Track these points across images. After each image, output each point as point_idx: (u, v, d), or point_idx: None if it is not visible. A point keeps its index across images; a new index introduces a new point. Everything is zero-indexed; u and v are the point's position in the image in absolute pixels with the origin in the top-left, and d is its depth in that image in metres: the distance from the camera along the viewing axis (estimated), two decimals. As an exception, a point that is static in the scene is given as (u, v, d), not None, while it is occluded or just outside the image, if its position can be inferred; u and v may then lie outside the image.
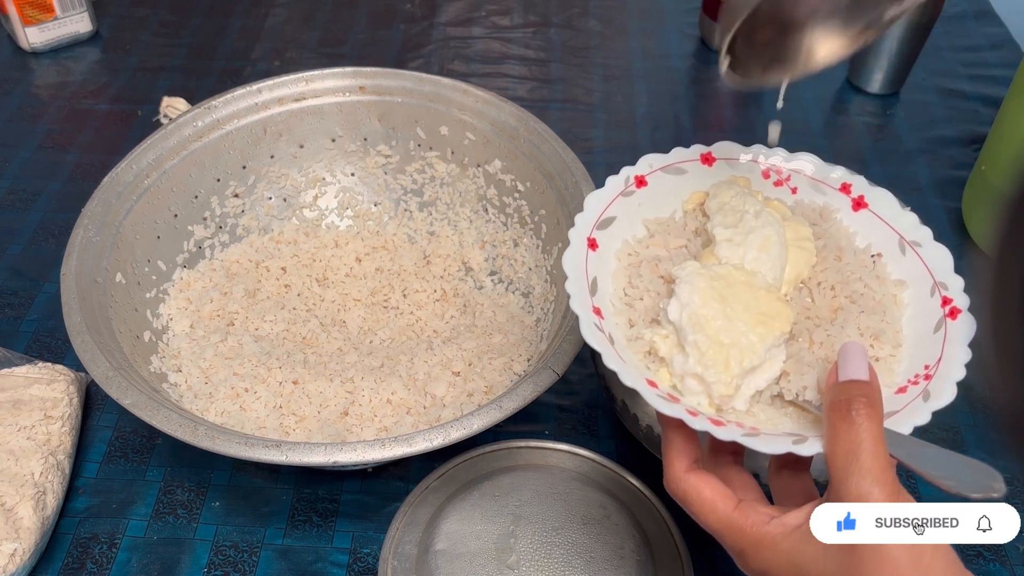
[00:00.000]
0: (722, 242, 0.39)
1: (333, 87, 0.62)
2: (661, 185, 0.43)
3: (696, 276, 0.38)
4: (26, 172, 0.73)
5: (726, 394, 0.36)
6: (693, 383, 0.37)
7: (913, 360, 0.38)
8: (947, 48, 0.89)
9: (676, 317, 0.37)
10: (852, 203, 0.42)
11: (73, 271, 0.50)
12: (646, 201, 0.43)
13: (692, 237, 0.42)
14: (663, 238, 0.42)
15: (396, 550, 0.46)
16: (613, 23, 0.93)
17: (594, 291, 0.39)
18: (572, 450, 0.50)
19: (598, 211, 0.41)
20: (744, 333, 0.36)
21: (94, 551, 0.49)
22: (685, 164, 0.43)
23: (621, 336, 0.39)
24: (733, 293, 0.37)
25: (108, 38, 0.88)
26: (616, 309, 0.40)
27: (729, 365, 0.36)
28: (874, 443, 0.32)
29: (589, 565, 0.44)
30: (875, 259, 0.41)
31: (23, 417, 0.51)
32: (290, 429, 0.51)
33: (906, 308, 0.40)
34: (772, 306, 0.37)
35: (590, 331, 0.36)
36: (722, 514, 0.35)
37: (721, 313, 0.36)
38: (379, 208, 0.65)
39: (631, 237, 0.42)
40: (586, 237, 0.40)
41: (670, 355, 0.37)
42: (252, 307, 0.58)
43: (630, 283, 0.40)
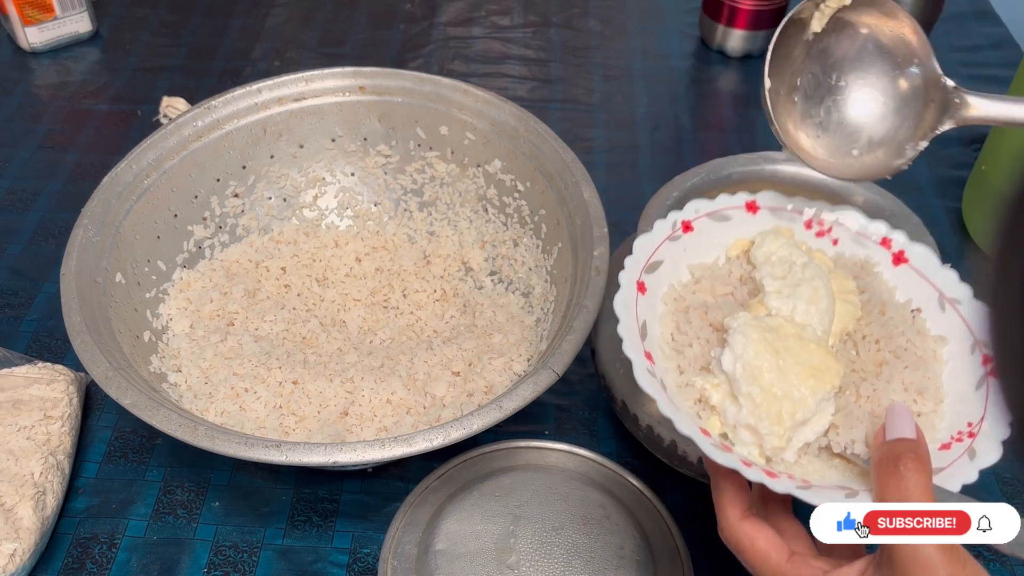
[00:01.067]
0: (771, 293, 0.40)
1: (333, 87, 0.62)
2: (706, 231, 0.43)
3: (749, 327, 0.38)
4: (26, 172, 0.73)
5: (778, 446, 0.36)
6: (745, 434, 0.37)
7: (955, 417, 0.38)
8: (947, 48, 0.89)
9: (730, 368, 0.37)
10: (892, 257, 0.43)
11: (73, 271, 0.50)
12: (691, 246, 0.43)
13: (738, 285, 0.42)
14: (709, 284, 0.42)
15: (396, 550, 0.46)
16: (613, 23, 0.93)
17: (644, 335, 0.39)
18: (572, 450, 0.50)
19: (647, 255, 0.41)
20: (796, 386, 0.37)
21: (94, 551, 0.49)
22: (730, 211, 0.44)
23: (672, 382, 0.39)
24: (785, 346, 0.37)
25: (108, 38, 0.88)
26: (665, 355, 0.40)
27: (782, 418, 0.36)
28: (923, 495, 0.32)
29: (589, 565, 0.44)
30: (915, 314, 0.41)
31: (23, 417, 0.51)
32: (290, 429, 0.51)
33: (946, 364, 0.40)
34: (822, 360, 0.38)
35: (643, 376, 0.36)
36: (774, 565, 0.35)
37: (774, 366, 0.37)
38: (379, 208, 0.65)
39: (677, 282, 0.42)
40: (636, 280, 0.40)
41: (722, 405, 0.38)
42: (252, 307, 0.58)
43: (678, 328, 0.41)
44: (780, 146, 0.43)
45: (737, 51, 0.87)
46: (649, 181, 0.73)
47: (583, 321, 0.48)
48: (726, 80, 0.86)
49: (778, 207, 0.44)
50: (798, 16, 0.42)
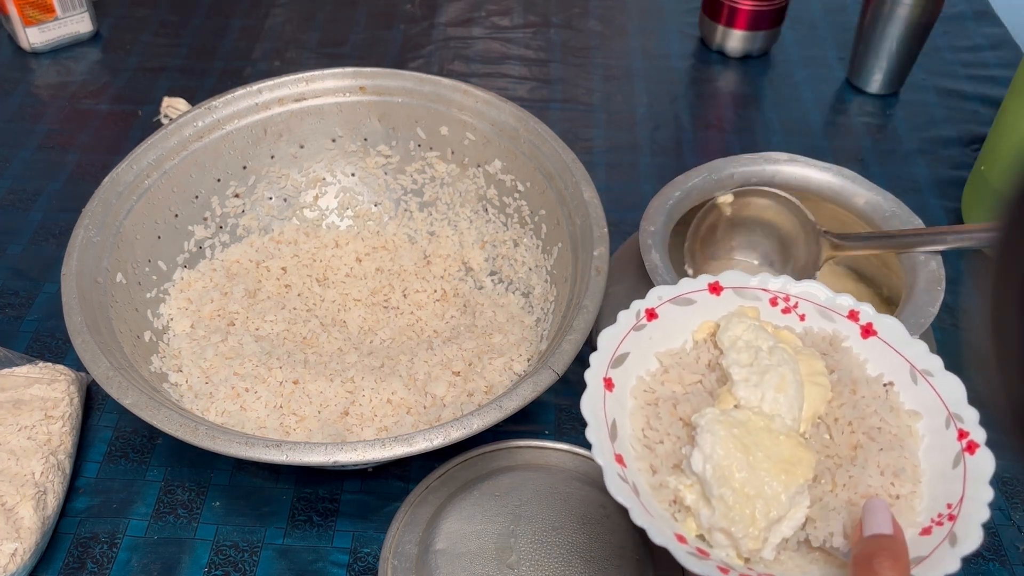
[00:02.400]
0: (739, 382, 0.39)
1: (333, 87, 0.62)
2: (671, 316, 0.42)
3: (716, 424, 0.37)
4: (26, 172, 0.73)
5: (754, 548, 0.36)
6: (721, 537, 0.36)
7: (933, 497, 0.37)
8: (947, 48, 0.89)
9: (699, 469, 0.37)
10: (861, 330, 0.42)
11: (74, 271, 0.50)
12: (656, 335, 0.42)
13: (706, 372, 0.42)
14: (678, 373, 0.41)
15: (396, 550, 0.46)
16: (613, 23, 0.93)
17: (614, 436, 0.38)
18: (572, 450, 0.50)
19: (612, 348, 0.41)
20: (768, 483, 0.36)
21: (94, 551, 0.49)
22: (693, 294, 0.43)
23: (645, 484, 0.38)
24: (755, 441, 0.37)
25: (108, 38, 0.88)
26: (637, 454, 0.39)
27: (755, 518, 0.36)
28: None
29: (589, 564, 0.44)
30: (887, 388, 0.41)
31: (24, 417, 0.51)
32: (290, 429, 0.51)
33: (921, 440, 0.39)
34: (794, 452, 0.37)
35: (615, 484, 0.36)
36: None
37: (744, 463, 0.36)
38: (379, 208, 0.65)
39: (645, 372, 0.42)
40: (602, 377, 0.39)
41: (696, 507, 0.37)
42: (252, 307, 0.58)
43: (648, 424, 0.40)
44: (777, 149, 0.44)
45: (737, 51, 0.87)
46: (649, 181, 0.73)
47: (583, 321, 0.48)
48: (726, 80, 0.86)
49: (741, 286, 0.43)
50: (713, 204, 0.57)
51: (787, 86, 0.84)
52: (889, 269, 0.54)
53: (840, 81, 0.85)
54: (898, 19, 0.77)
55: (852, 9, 0.94)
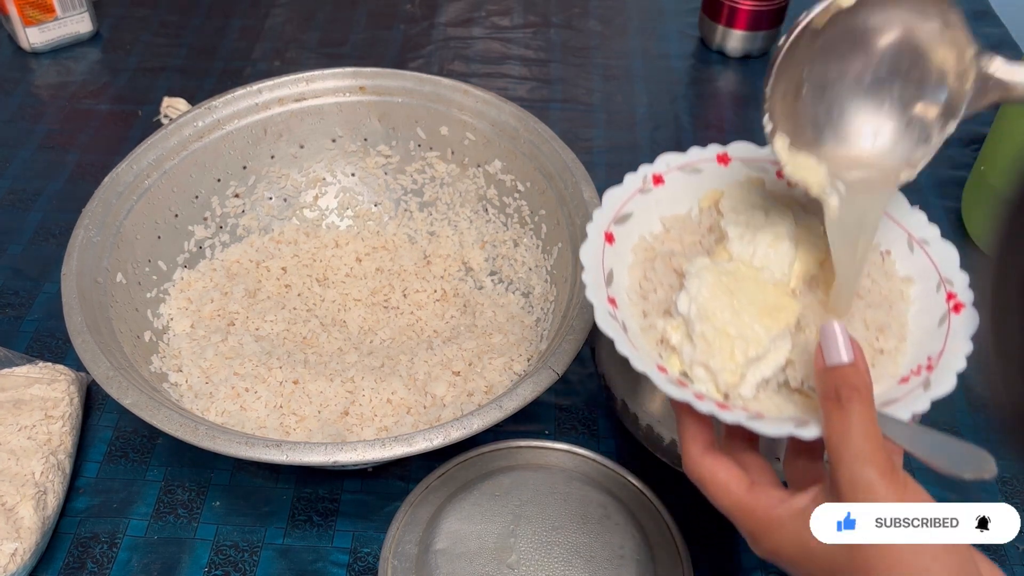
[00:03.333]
0: (733, 239, 0.41)
1: (333, 87, 0.62)
2: (678, 183, 0.44)
3: (705, 271, 0.39)
4: (26, 172, 0.73)
5: (731, 382, 0.37)
6: (701, 372, 0.38)
7: (917, 353, 0.39)
8: (947, 48, 0.89)
9: (685, 309, 0.38)
10: None
11: (74, 271, 0.50)
12: (663, 199, 0.44)
13: (706, 233, 0.43)
14: (678, 234, 0.43)
15: (396, 549, 0.46)
16: (613, 23, 0.93)
17: (610, 282, 0.40)
18: (572, 450, 0.50)
19: (616, 207, 0.42)
20: (749, 324, 0.37)
21: (95, 551, 0.49)
22: (701, 163, 0.44)
23: (635, 325, 0.40)
24: (740, 287, 0.38)
25: (108, 38, 0.88)
26: (631, 300, 0.41)
27: (734, 354, 0.37)
28: (864, 425, 0.33)
29: (589, 565, 0.44)
30: (884, 256, 0.42)
31: (24, 417, 0.51)
32: (290, 429, 0.51)
33: (912, 304, 0.40)
34: (778, 299, 0.38)
35: (604, 319, 0.37)
36: (735, 496, 0.36)
37: (728, 306, 0.38)
38: (379, 208, 0.65)
39: (648, 233, 0.43)
40: (604, 231, 0.41)
41: (680, 345, 0.39)
42: (252, 307, 0.58)
43: (645, 276, 0.41)
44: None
45: (737, 51, 0.87)
46: (649, 181, 0.73)
47: (583, 321, 0.48)
48: (726, 80, 0.86)
49: (750, 158, 0.44)
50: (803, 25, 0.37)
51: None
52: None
53: (840, 81, 0.84)
54: (898, 19, 0.77)
55: (852, 9, 0.94)
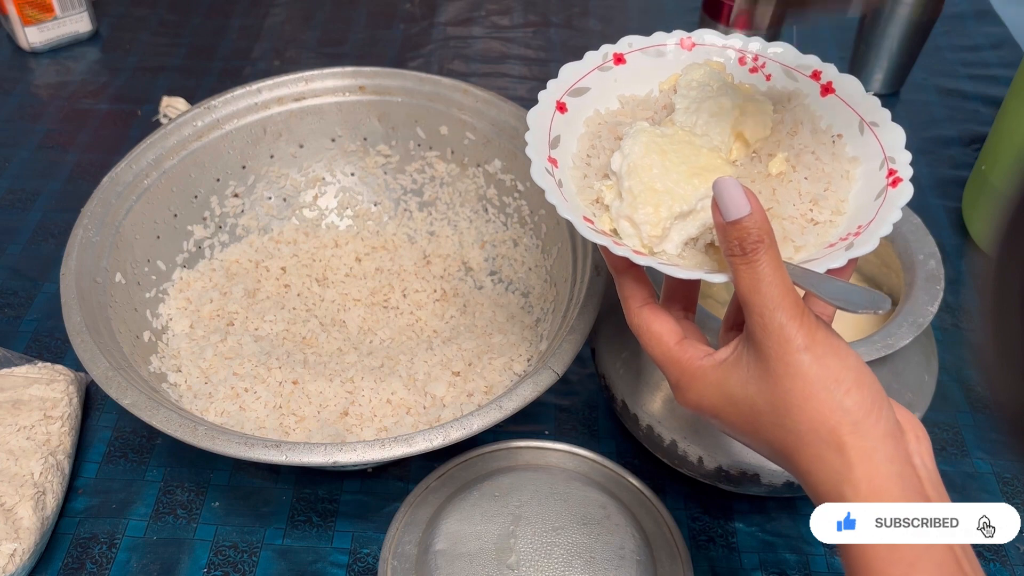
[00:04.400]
0: (680, 110, 0.42)
1: (333, 87, 0.62)
2: (639, 65, 0.45)
3: (641, 133, 0.40)
4: (26, 172, 0.73)
5: (654, 235, 0.38)
6: (626, 225, 0.39)
7: (850, 224, 0.39)
8: (947, 48, 0.89)
9: (617, 167, 0.39)
10: (821, 88, 0.44)
11: (73, 271, 0.50)
12: (623, 79, 0.44)
13: (660, 110, 0.44)
14: (632, 109, 0.44)
15: (396, 550, 0.46)
16: (613, 23, 0.93)
17: (555, 146, 0.41)
18: (572, 450, 0.50)
19: (571, 80, 0.43)
20: (677, 182, 0.38)
21: (94, 551, 0.49)
22: (664, 48, 0.45)
23: (573, 187, 0.41)
24: (674, 148, 0.39)
25: (108, 38, 0.88)
26: (575, 165, 0.42)
27: (658, 208, 0.38)
28: (772, 273, 0.33)
29: (589, 565, 0.44)
30: (835, 139, 0.42)
31: (23, 417, 0.50)
32: (290, 429, 0.51)
33: (856, 182, 0.41)
34: (711, 162, 0.39)
35: (540, 173, 0.38)
36: (665, 346, 0.37)
37: (658, 164, 0.38)
38: (379, 208, 0.65)
39: (604, 108, 0.44)
40: (555, 100, 0.42)
41: (611, 202, 0.40)
42: (252, 307, 0.58)
43: (592, 145, 0.42)
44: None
45: (737, 51, 0.87)
46: (649, 181, 0.73)
47: (583, 321, 0.48)
48: (726, 80, 0.85)
49: (714, 44, 0.45)
50: None
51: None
52: (888, 268, 0.54)
53: (840, 81, 0.84)
54: (899, 19, 0.77)
55: (852, 8, 0.94)
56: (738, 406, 0.35)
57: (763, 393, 0.34)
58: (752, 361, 0.34)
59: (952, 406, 0.58)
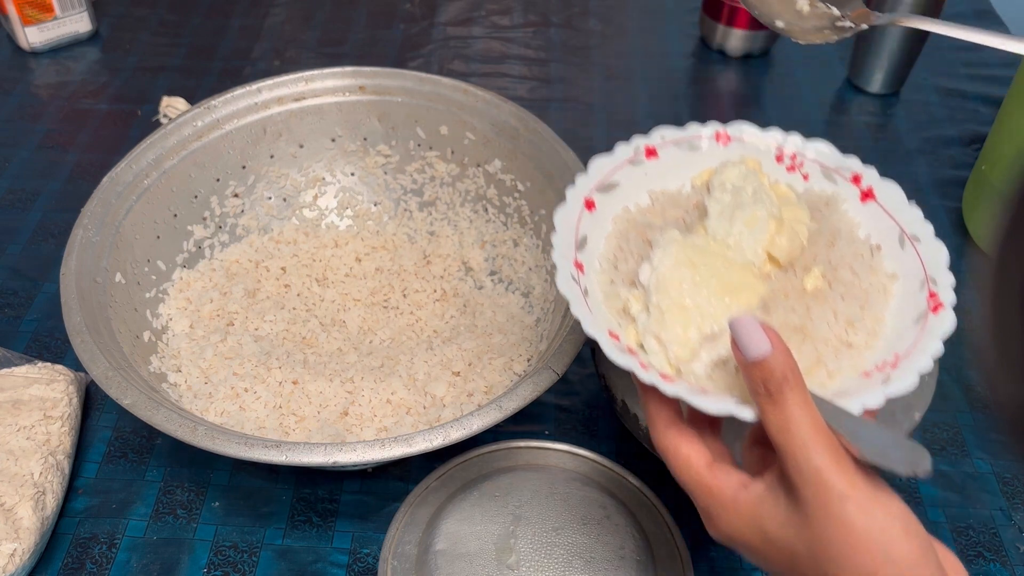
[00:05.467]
0: (712, 216, 0.40)
1: (333, 87, 0.62)
2: (672, 158, 0.43)
3: (672, 243, 0.38)
4: (26, 172, 0.73)
5: (682, 357, 0.36)
6: (653, 343, 0.37)
7: (887, 349, 0.38)
8: (947, 48, 0.89)
9: (646, 279, 0.38)
10: (861, 194, 0.42)
11: (73, 271, 0.50)
12: (654, 172, 0.43)
13: (691, 209, 0.42)
14: (662, 208, 0.42)
15: (396, 550, 0.46)
16: (613, 23, 0.93)
17: (582, 247, 0.40)
18: (572, 450, 0.50)
19: (600, 174, 0.42)
20: (708, 299, 0.37)
21: (94, 551, 0.49)
22: (699, 140, 0.43)
23: (600, 293, 0.39)
24: (705, 262, 0.38)
25: (108, 38, 0.88)
26: (602, 268, 0.40)
27: (687, 328, 0.36)
28: (802, 414, 0.32)
29: (589, 565, 0.44)
30: (873, 250, 0.41)
31: (23, 417, 0.50)
32: (290, 429, 0.51)
33: (893, 300, 0.39)
34: (744, 279, 0.38)
35: (565, 281, 0.37)
36: (695, 473, 0.35)
37: (688, 279, 0.37)
38: (379, 208, 0.65)
39: (633, 205, 0.42)
40: (583, 197, 0.41)
41: (638, 315, 0.38)
42: (252, 307, 0.58)
43: (619, 247, 0.41)
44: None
45: (737, 51, 0.87)
46: (649, 181, 0.73)
47: (583, 321, 0.47)
48: (726, 80, 0.85)
49: (750, 139, 0.44)
50: None
51: (788, 86, 0.84)
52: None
53: (841, 80, 0.84)
54: (898, 18, 0.77)
55: (852, 8, 0.94)
56: (775, 544, 0.33)
57: (802, 538, 0.32)
58: (788, 502, 0.33)
59: (952, 406, 0.58)
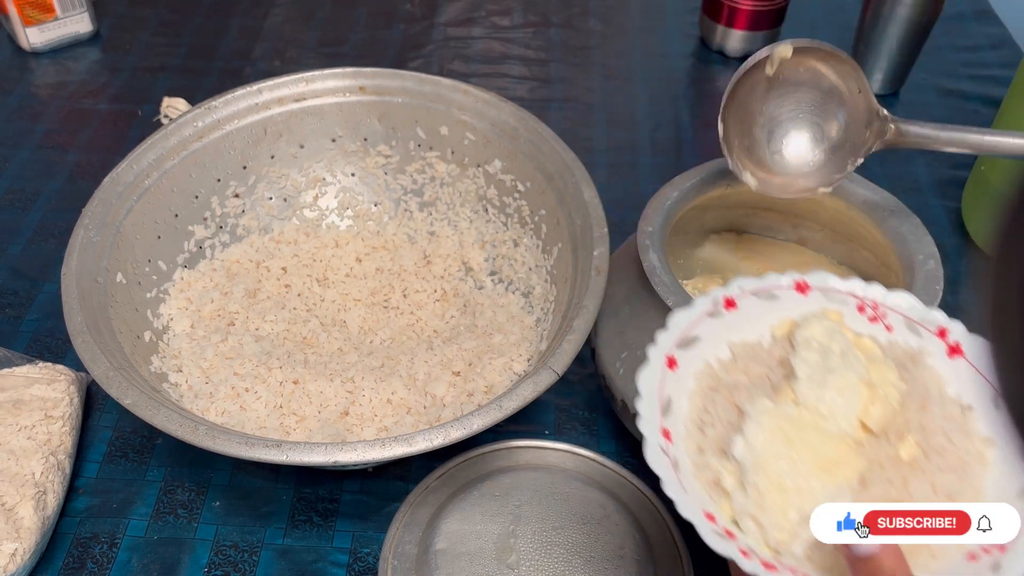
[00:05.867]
0: (802, 379, 0.38)
1: (333, 87, 0.62)
2: (751, 309, 0.42)
3: (765, 415, 0.37)
4: (26, 172, 0.73)
5: (782, 539, 0.35)
6: (751, 524, 0.36)
7: None
8: (947, 48, 0.89)
9: (740, 455, 0.37)
10: (948, 349, 0.41)
11: (73, 271, 0.50)
12: (733, 324, 0.41)
13: (775, 366, 0.41)
14: (745, 364, 0.41)
15: (396, 550, 0.46)
16: (613, 23, 0.93)
17: (666, 412, 0.38)
18: (572, 450, 0.50)
19: (681, 330, 0.40)
20: (806, 478, 0.35)
21: (94, 551, 0.49)
22: (777, 290, 0.42)
23: (689, 462, 0.38)
24: (801, 437, 0.36)
25: (108, 38, 0.88)
26: (688, 432, 0.39)
27: (787, 510, 0.35)
28: None
29: (589, 565, 0.44)
30: (965, 411, 0.39)
31: (23, 417, 0.51)
32: (290, 429, 0.51)
33: (991, 468, 0.37)
34: (840, 454, 0.36)
35: (654, 454, 0.36)
36: None
37: (785, 456, 0.36)
38: (379, 208, 0.65)
39: (714, 359, 0.41)
40: (665, 355, 0.39)
41: (733, 491, 0.37)
42: (252, 307, 0.58)
43: (705, 408, 0.39)
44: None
45: (737, 51, 0.87)
46: (649, 181, 0.73)
47: (583, 321, 0.48)
48: (726, 80, 0.85)
49: (830, 288, 0.42)
50: (751, 64, 0.50)
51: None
52: (888, 269, 0.54)
53: (840, 81, 0.84)
54: (898, 19, 0.77)
55: (852, 9, 0.94)
56: None
57: None
58: None
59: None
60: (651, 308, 0.49)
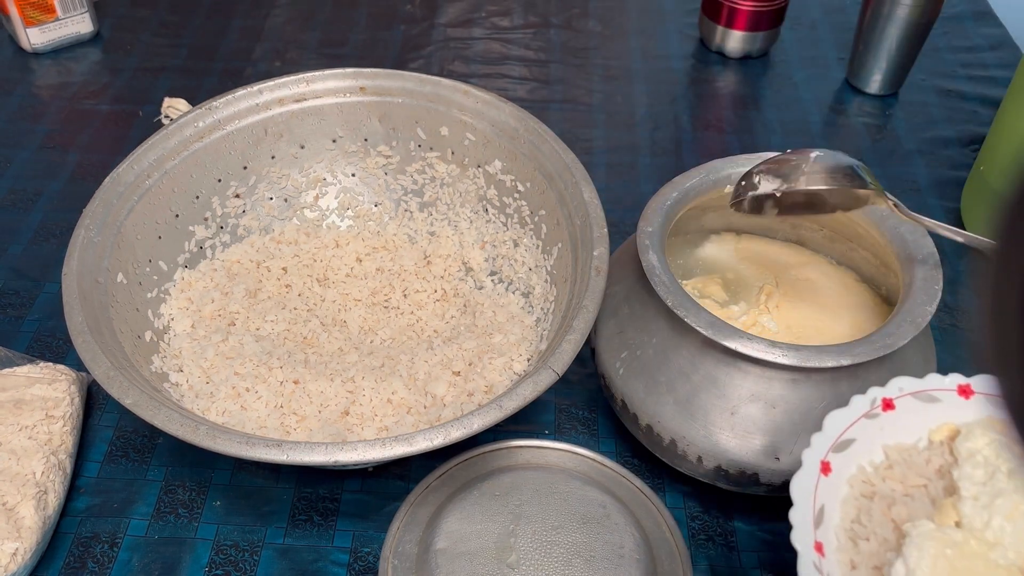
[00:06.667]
0: (967, 498, 0.36)
1: (334, 88, 0.62)
2: (910, 411, 0.40)
3: (928, 540, 0.35)
4: (27, 172, 0.73)
5: None
6: None
7: None
8: (946, 49, 0.89)
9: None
10: None
11: (74, 271, 0.50)
12: (890, 425, 0.40)
13: (934, 477, 0.39)
14: (902, 471, 0.39)
15: (396, 549, 0.46)
16: (613, 23, 0.93)
17: (819, 522, 0.37)
18: (572, 450, 0.50)
19: (837, 432, 0.39)
20: None
21: (95, 550, 0.49)
22: (939, 392, 0.41)
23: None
24: (966, 567, 0.34)
25: (109, 38, 0.88)
26: (839, 544, 0.38)
27: None
28: None
29: (589, 564, 0.44)
30: None
31: (24, 417, 0.51)
32: (291, 429, 0.51)
33: None
34: None
35: (807, 570, 0.35)
36: None
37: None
38: (379, 208, 0.65)
39: (868, 463, 0.40)
40: (820, 460, 0.38)
41: None
42: (253, 307, 0.58)
43: (859, 518, 0.38)
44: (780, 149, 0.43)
45: (736, 52, 0.87)
46: (649, 181, 0.73)
47: (583, 321, 0.48)
48: (725, 81, 0.86)
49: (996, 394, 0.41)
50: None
51: (786, 87, 0.84)
52: (888, 269, 0.54)
53: (839, 82, 0.85)
54: (897, 19, 0.77)
55: (851, 10, 0.94)
56: None
57: None
58: None
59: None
60: (651, 308, 0.49)
